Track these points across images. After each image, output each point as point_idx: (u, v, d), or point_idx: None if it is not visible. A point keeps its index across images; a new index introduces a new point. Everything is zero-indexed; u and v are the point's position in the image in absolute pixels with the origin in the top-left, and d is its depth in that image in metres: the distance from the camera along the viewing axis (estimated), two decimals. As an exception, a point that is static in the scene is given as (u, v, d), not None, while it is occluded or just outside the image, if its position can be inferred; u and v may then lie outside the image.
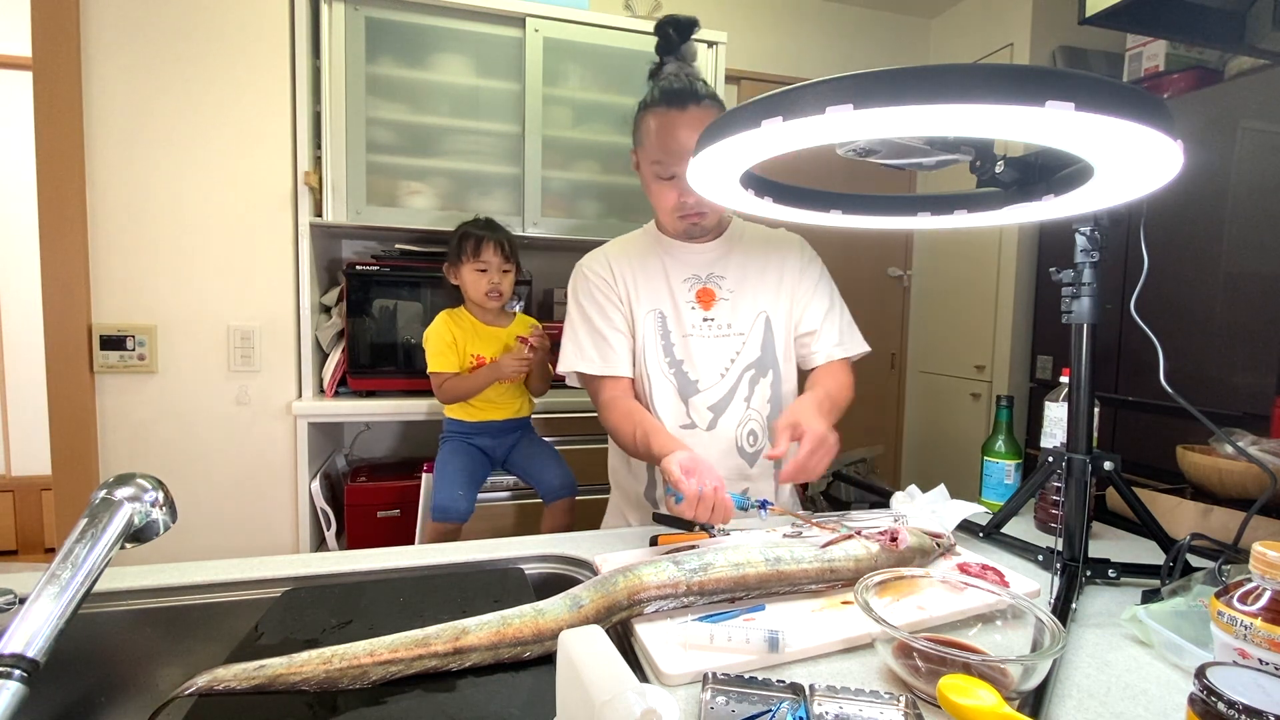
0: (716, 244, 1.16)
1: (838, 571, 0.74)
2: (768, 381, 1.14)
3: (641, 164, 1.10)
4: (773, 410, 1.15)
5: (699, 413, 1.12)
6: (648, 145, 1.07)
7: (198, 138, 1.72)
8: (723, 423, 1.12)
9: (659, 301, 1.13)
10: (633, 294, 1.13)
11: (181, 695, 0.52)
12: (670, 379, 1.12)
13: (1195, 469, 1.06)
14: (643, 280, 1.13)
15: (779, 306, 1.15)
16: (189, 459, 1.76)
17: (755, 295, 1.14)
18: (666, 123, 1.04)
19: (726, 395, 1.12)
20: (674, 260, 1.14)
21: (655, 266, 1.14)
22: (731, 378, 1.13)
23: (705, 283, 1.14)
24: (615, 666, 0.44)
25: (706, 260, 1.15)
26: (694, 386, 1.12)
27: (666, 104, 1.04)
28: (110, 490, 0.58)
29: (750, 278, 1.15)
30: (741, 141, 0.56)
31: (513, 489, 1.86)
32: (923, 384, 3.21)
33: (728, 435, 1.12)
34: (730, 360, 1.13)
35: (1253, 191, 1.83)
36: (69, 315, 1.65)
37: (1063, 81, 0.46)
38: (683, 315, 1.12)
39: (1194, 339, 1.95)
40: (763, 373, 1.14)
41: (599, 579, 0.68)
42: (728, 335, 1.13)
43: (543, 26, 1.95)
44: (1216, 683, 0.44)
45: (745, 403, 1.13)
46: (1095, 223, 0.80)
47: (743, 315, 1.13)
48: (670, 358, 1.12)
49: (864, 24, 2.98)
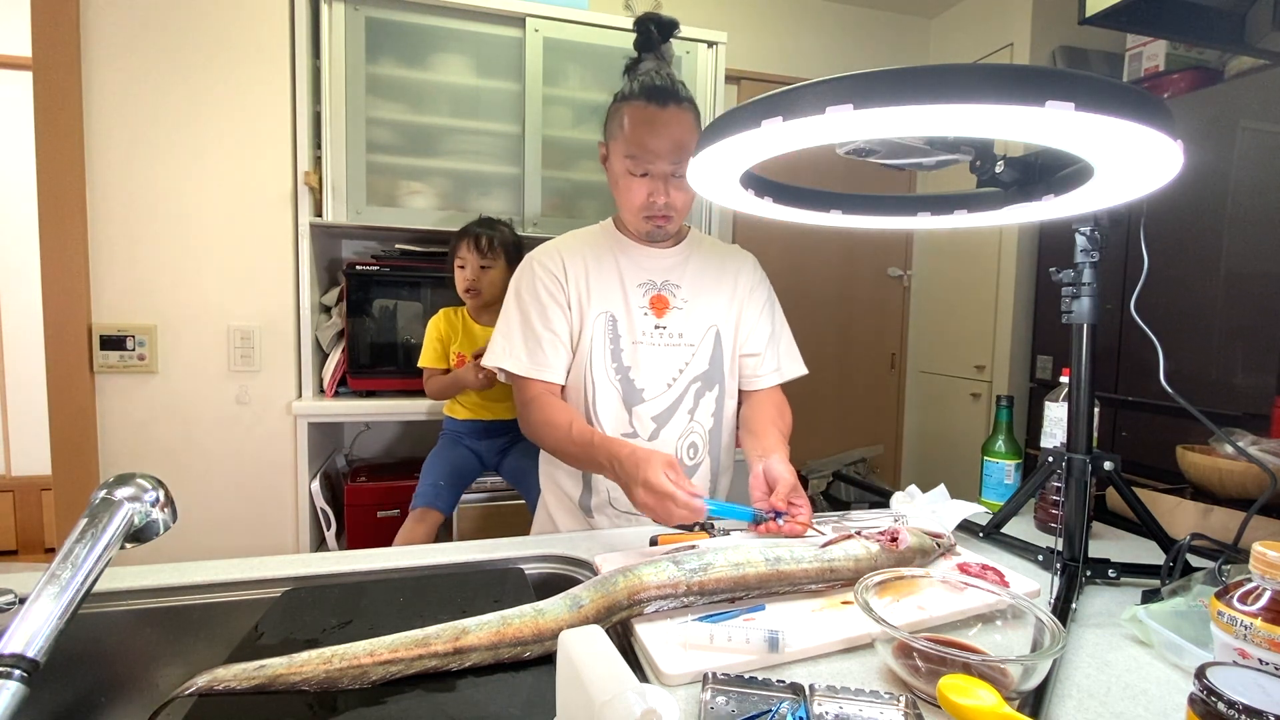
0: (675, 250, 1.14)
1: (838, 571, 0.74)
2: (713, 395, 1.13)
3: (611, 157, 1.07)
4: (715, 424, 1.14)
5: (642, 422, 1.09)
6: (621, 139, 1.03)
7: (198, 138, 1.72)
8: (665, 434, 1.10)
9: (610, 303, 1.10)
10: (584, 294, 1.09)
11: (181, 695, 0.52)
12: (615, 385, 1.09)
13: (1195, 469, 1.06)
14: (595, 280, 1.10)
15: (728, 322, 1.14)
16: (189, 459, 1.76)
17: (708, 307, 1.13)
18: (646, 118, 1.01)
19: (671, 406, 1.10)
20: (630, 262, 1.11)
21: (610, 266, 1.11)
22: (678, 388, 1.11)
23: (660, 289, 1.11)
24: (615, 666, 0.44)
25: (663, 266, 1.12)
26: (639, 395, 1.09)
27: (646, 99, 1.02)
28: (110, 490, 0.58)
29: (705, 289, 1.13)
30: (741, 141, 0.56)
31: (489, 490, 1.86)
32: (923, 384, 3.21)
33: (668, 446, 1.10)
34: (679, 370, 1.11)
35: (1253, 191, 1.83)
36: (69, 315, 1.65)
37: (1063, 81, 0.46)
38: (634, 320, 1.09)
39: (1194, 339, 1.95)
40: (709, 386, 1.13)
41: (599, 579, 0.68)
42: (678, 345, 1.11)
43: (543, 26, 1.95)
44: (1216, 683, 0.44)
45: (689, 415, 1.11)
46: (1095, 223, 0.80)
47: (694, 326, 1.12)
48: (618, 363, 1.09)
49: (864, 24, 2.98)
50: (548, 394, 1.07)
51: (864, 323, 3.13)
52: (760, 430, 1.07)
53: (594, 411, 1.09)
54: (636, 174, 1.04)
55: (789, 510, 0.89)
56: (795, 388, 1.20)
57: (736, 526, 0.93)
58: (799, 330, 1.24)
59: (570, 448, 0.97)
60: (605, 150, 1.10)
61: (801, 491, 0.91)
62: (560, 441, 0.99)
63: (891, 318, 3.21)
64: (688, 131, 1.03)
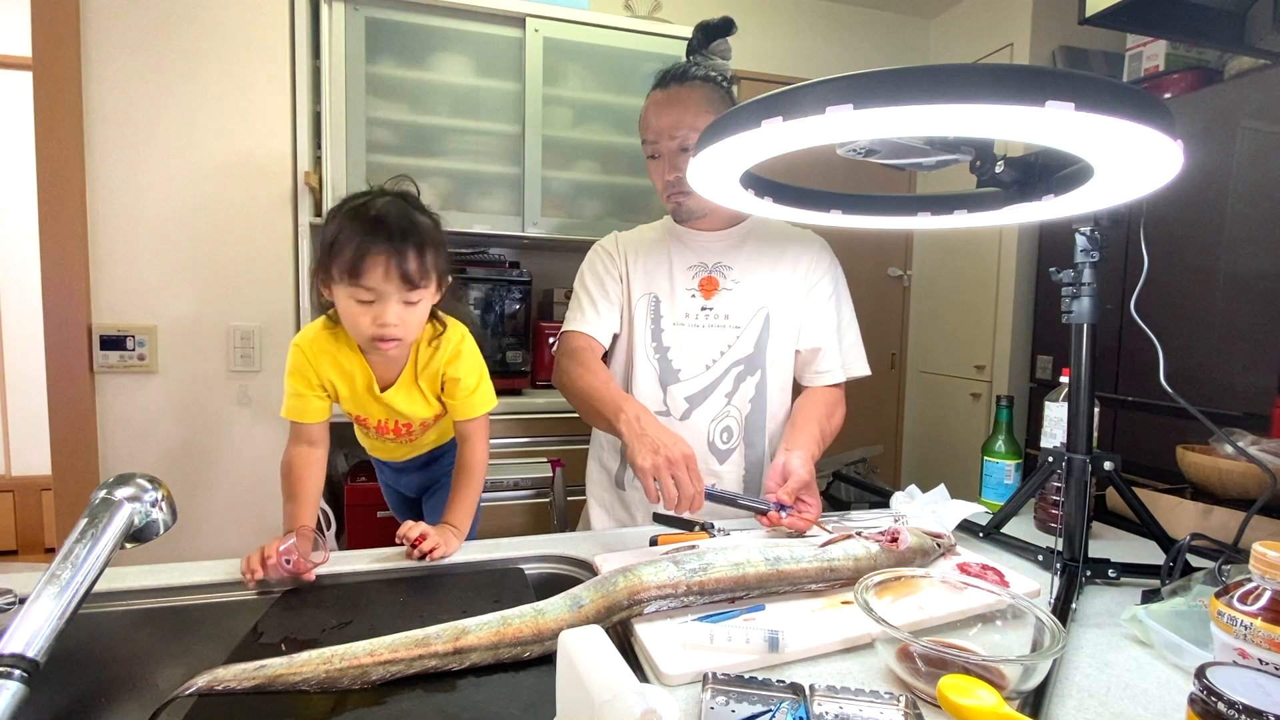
0: (730, 233, 1.14)
1: (838, 571, 0.74)
2: (754, 380, 1.11)
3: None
4: (754, 411, 1.12)
5: (675, 401, 1.11)
6: (640, 127, 1.10)
7: (198, 137, 1.72)
8: (698, 415, 1.10)
9: (656, 285, 1.13)
10: (632, 273, 1.13)
11: (181, 695, 0.52)
12: (653, 364, 1.11)
13: (1195, 469, 1.06)
14: (645, 262, 1.14)
15: (782, 306, 1.12)
16: (189, 459, 1.76)
17: (760, 289, 1.11)
18: (651, 101, 1.08)
19: (708, 388, 1.11)
20: (682, 247, 1.14)
21: (661, 252, 1.14)
22: (717, 370, 1.10)
23: (711, 271, 1.12)
24: (615, 666, 0.44)
25: (716, 249, 1.13)
26: (675, 375, 1.11)
27: (655, 85, 1.08)
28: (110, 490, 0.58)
29: (758, 271, 1.12)
30: (741, 141, 0.56)
31: (513, 489, 1.86)
32: (923, 384, 3.21)
33: (700, 428, 1.10)
34: (720, 353, 1.11)
35: (1253, 191, 1.83)
36: (69, 315, 1.65)
37: (1063, 81, 0.46)
38: (679, 302, 1.11)
39: (1194, 339, 1.95)
40: (751, 371, 1.11)
41: (599, 579, 0.68)
42: (723, 326, 1.11)
43: (543, 26, 1.95)
44: (1216, 683, 0.44)
45: (726, 398, 1.11)
46: (1095, 223, 0.80)
47: (743, 308, 1.11)
48: (657, 343, 1.11)
49: (864, 24, 2.98)
50: (588, 349, 1.09)
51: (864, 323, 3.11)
52: (801, 424, 1.06)
53: (633, 388, 1.12)
54: (649, 156, 1.09)
55: (796, 506, 0.88)
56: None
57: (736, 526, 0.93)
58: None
59: (602, 393, 0.98)
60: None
61: (815, 491, 0.91)
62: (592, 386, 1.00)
63: (891, 318, 3.21)
64: (694, 106, 1.04)
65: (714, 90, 1.06)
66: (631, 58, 2.06)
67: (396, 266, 0.86)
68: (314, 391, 0.97)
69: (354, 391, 1.00)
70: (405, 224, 0.89)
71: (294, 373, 0.97)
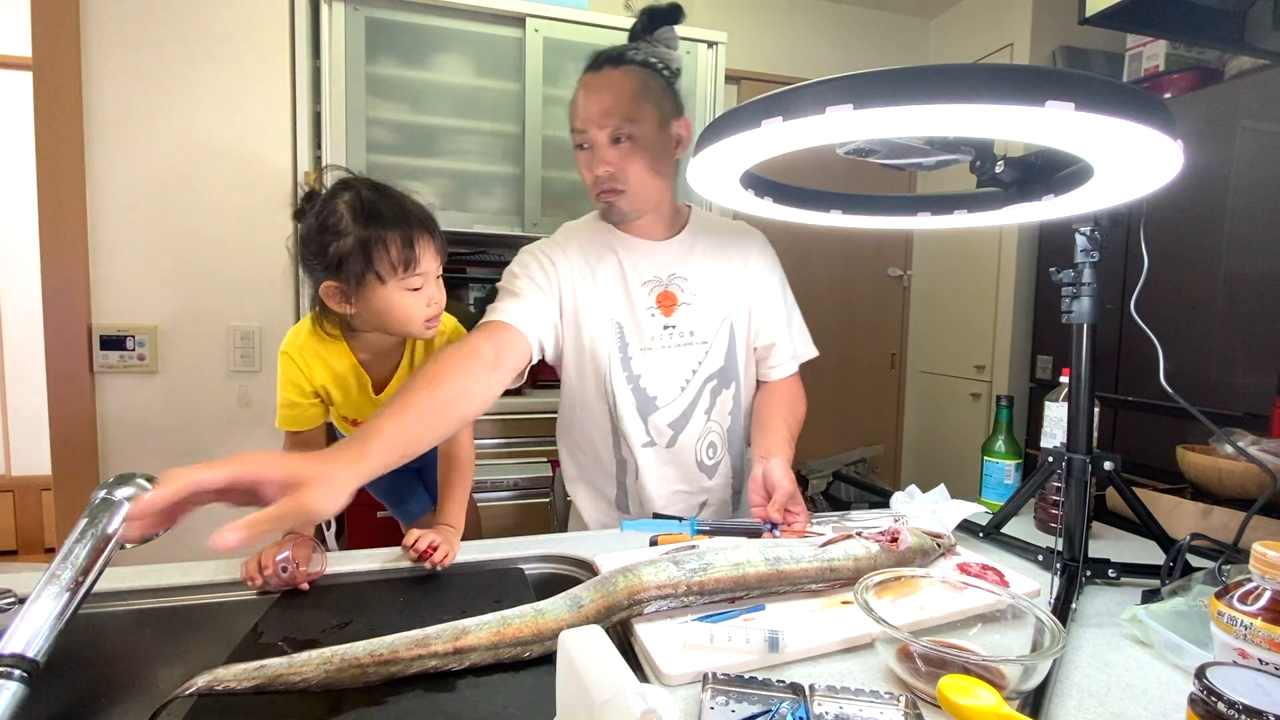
0: (678, 240, 1.07)
1: (838, 571, 0.74)
2: (730, 393, 1.08)
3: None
4: (733, 422, 1.10)
5: (658, 430, 1.06)
6: (570, 114, 0.99)
7: (198, 138, 1.72)
8: (682, 439, 1.06)
9: (616, 310, 1.03)
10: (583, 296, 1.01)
11: (181, 695, 0.52)
12: (630, 395, 1.04)
13: (1195, 469, 1.06)
14: (600, 282, 1.03)
15: (742, 311, 1.08)
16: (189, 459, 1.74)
17: (719, 299, 1.07)
18: (582, 85, 0.98)
19: (687, 410, 1.06)
20: (632, 259, 1.04)
21: (611, 266, 1.04)
22: (692, 390, 1.06)
23: (666, 285, 1.04)
24: (615, 666, 0.44)
25: (667, 259, 1.05)
26: (652, 404, 1.05)
27: (586, 67, 0.98)
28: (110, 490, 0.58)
29: (714, 279, 1.07)
30: (741, 141, 0.56)
31: (512, 489, 1.86)
32: (923, 384, 3.21)
33: (687, 451, 1.07)
34: (691, 371, 1.06)
35: (1253, 191, 1.83)
36: (69, 315, 1.65)
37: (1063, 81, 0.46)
38: (642, 325, 1.03)
39: (1194, 339, 1.95)
40: (725, 384, 1.08)
41: (599, 579, 0.68)
42: (689, 344, 1.05)
43: (543, 26, 1.95)
44: (1216, 683, 0.44)
45: (706, 415, 1.07)
46: (1095, 223, 0.80)
47: (706, 322, 1.06)
48: (628, 372, 1.04)
49: (864, 24, 2.98)
50: (472, 350, 0.86)
51: (864, 323, 3.13)
52: (768, 425, 1.04)
53: (621, 424, 1.05)
54: (578, 146, 0.99)
55: (785, 520, 0.88)
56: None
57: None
58: (798, 330, 1.23)
59: (376, 416, 0.72)
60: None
61: (799, 499, 0.91)
62: (393, 401, 0.74)
63: (891, 318, 3.21)
64: (629, 92, 0.95)
65: (653, 77, 0.98)
66: (631, 58, 2.06)
67: (433, 243, 0.90)
68: (308, 400, 0.97)
69: (348, 395, 0.99)
70: (410, 203, 0.90)
71: (287, 383, 0.96)
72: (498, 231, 1.99)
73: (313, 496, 0.59)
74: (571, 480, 1.16)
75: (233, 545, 0.53)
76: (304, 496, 0.58)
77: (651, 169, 0.99)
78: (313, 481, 0.59)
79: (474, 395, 0.82)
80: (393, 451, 0.69)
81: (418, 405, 0.74)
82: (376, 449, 0.67)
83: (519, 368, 0.94)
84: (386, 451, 0.68)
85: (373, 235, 0.85)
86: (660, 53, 1.02)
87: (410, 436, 0.72)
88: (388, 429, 0.69)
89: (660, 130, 0.99)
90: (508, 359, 0.90)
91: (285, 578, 0.76)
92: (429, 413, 0.75)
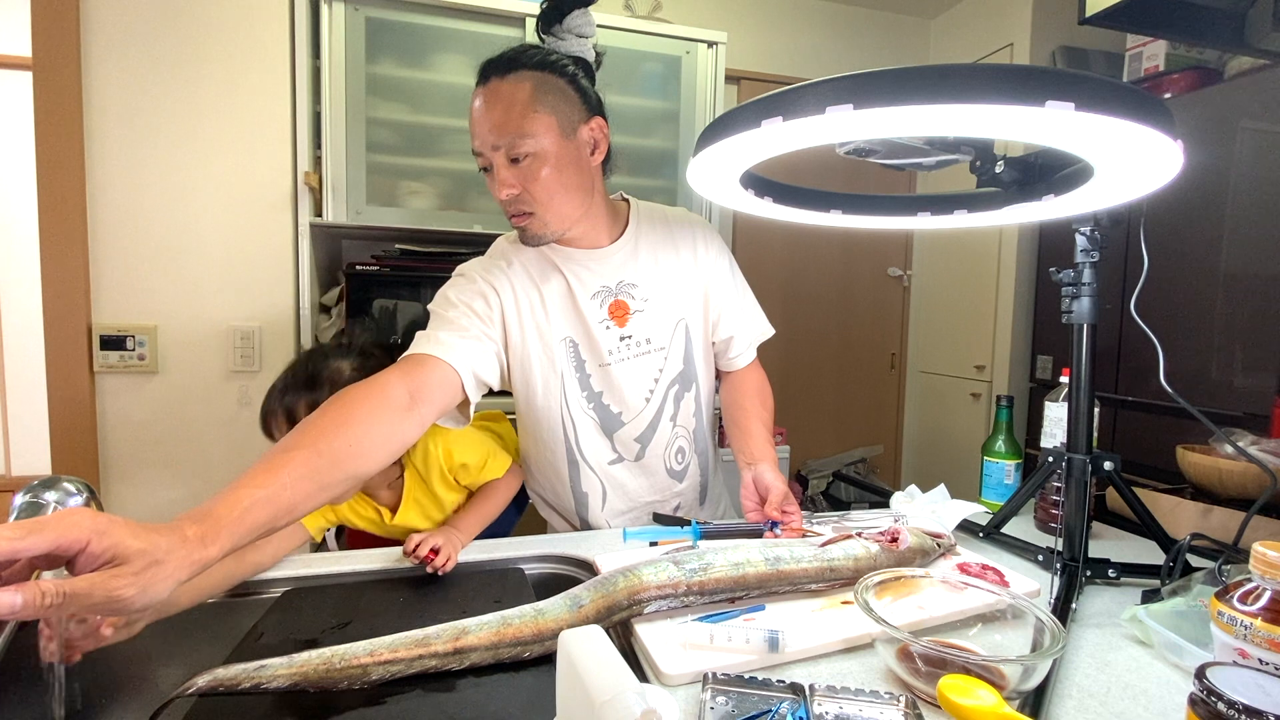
0: (621, 244, 1.00)
1: (838, 571, 0.74)
2: (691, 395, 1.06)
3: None
4: (698, 423, 1.08)
5: (625, 446, 1.02)
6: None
7: (198, 138, 1.72)
8: (650, 450, 1.03)
9: (568, 328, 0.97)
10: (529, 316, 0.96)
11: (181, 695, 0.52)
12: (592, 416, 1.00)
13: (1195, 469, 1.06)
14: (548, 300, 0.96)
15: (695, 309, 1.04)
16: (189, 459, 1.75)
17: (672, 301, 1.02)
18: (473, 101, 0.87)
19: (653, 420, 1.02)
20: (576, 271, 0.97)
21: (557, 282, 0.97)
22: (657, 400, 1.02)
23: (617, 294, 0.99)
24: (615, 666, 0.44)
25: (614, 266, 0.99)
26: (617, 420, 1.01)
27: (477, 80, 0.87)
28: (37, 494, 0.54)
29: (665, 280, 1.02)
30: (741, 141, 0.56)
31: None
32: (923, 384, 3.21)
33: (656, 460, 1.04)
34: (654, 380, 1.02)
35: (1253, 191, 1.83)
36: (69, 315, 1.65)
37: (1063, 81, 0.46)
38: (597, 340, 0.98)
39: (1194, 339, 1.95)
40: (686, 386, 1.05)
41: (599, 579, 0.68)
42: (648, 352, 1.01)
43: (543, 26, 1.95)
44: (1216, 683, 0.44)
45: (672, 421, 1.04)
46: (1095, 223, 0.80)
47: (661, 326, 1.01)
48: (588, 391, 0.99)
49: (864, 24, 2.98)
50: (387, 374, 0.78)
51: (864, 323, 3.13)
52: (746, 427, 1.03)
53: (578, 448, 1.01)
54: (485, 170, 0.89)
55: (783, 520, 0.88)
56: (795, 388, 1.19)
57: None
58: (799, 330, 1.23)
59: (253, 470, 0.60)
60: None
61: (792, 499, 0.91)
62: (274, 450, 0.63)
63: (891, 318, 3.21)
64: (521, 105, 0.84)
65: (549, 80, 0.87)
66: (631, 58, 2.05)
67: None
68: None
69: (379, 527, 1.02)
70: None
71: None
72: (498, 232, 1.98)
73: (124, 584, 0.45)
74: (542, 506, 1.13)
75: (4, 609, 0.41)
76: (115, 583, 0.44)
77: (560, 184, 0.89)
78: (132, 563, 0.45)
79: (375, 446, 0.70)
80: (251, 530, 0.55)
81: (292, 466, 0.60)
82: (230, 528, 0.53)
83: (446, 407, 0.85)
84: (243, 531, 0.55)
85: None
86: (567, 46, 0.93)
87: (278, 507, 0.58)
88: (248, 500, 0.56)
89: (564, 139, 0.88)
90: (430, 398, 0.80)
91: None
92: (306, 473, 0.61)
